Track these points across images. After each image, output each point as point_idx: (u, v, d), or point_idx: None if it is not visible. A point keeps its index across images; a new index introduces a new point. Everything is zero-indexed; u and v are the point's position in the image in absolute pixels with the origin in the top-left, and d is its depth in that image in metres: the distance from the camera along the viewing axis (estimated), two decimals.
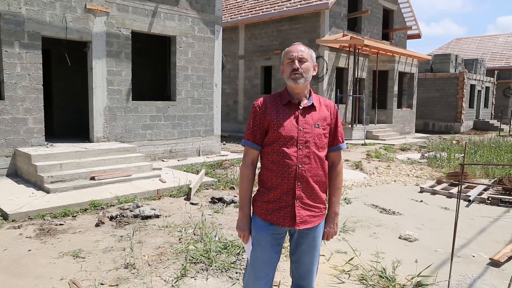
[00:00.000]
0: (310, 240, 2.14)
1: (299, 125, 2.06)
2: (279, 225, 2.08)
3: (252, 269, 2.13)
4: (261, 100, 2.14)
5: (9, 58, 6.95)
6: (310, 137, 2.06)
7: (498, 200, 6.11)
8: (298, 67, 2.04)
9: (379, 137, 15.96)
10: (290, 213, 2.06)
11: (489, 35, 33.15)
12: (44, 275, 3.42)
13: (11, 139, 7.10)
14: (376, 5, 17.97)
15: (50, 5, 7.34)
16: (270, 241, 2.10)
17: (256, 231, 2.13)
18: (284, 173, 2.04)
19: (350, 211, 5.56)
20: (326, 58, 15.49)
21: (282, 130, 2.04)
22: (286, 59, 2.10)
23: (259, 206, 2.13)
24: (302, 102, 2.11)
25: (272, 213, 2.08)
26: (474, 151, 10.48)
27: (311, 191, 2.08)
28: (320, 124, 2.10)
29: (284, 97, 2.11)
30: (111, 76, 8.32)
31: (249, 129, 2.13)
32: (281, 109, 2.09)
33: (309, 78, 2.10)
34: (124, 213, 5.04)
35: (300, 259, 2.18)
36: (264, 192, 2.12)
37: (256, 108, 2.13)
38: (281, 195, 2.06)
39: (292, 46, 2.12)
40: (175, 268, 3.56)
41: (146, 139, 9.04)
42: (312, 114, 2.10)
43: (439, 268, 3.69)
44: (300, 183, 2.05)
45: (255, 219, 2.16)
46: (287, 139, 2.03)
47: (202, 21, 9.83)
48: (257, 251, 2.12)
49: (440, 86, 22.69)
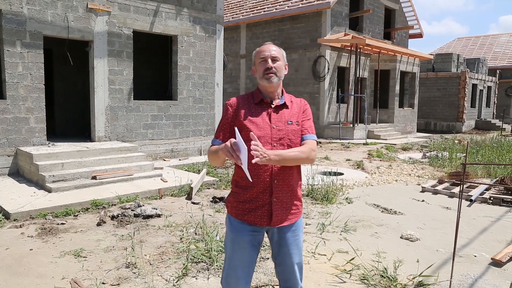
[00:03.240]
0: (291, 238, 2.12)
1: (272, 123, 2.05)
2: (256, 224, 2.06)
3: (233, 271, 2.10)
4: (233, 100, 2.13)
5: (11, 57, 6.96)
6: (284, 134, 2.05)
7: (500, 199, 6.09)
8: (272, 66, 2.04)
9: (380, 136, 15.94)
10: (267, 211, 2.04)
11: (491, 34, 33.07)
12: (45, 274, 3.42)
13: (13, 138, 7.11)
14: (378, 4, 17.94)
15: (51, 4, 7.34)
16: (250, 241, 2.08)
17: (235, 233, 2.09)
18: (260, 172, 2.02)
19: (351, 210, 5.55)
20: (327, 58, 15.48)
21: (255, 128, 2.02)
22: (258, 58, 2.09)
23: (235, 207, 2.10)
24: (275, 100, 2.11)
25: (249, 213, 2.06)
26: (476, 151, 10.45)
27: (288, 189, 2.08)
28: (293, 121, 2.10)
29: (257, 96, 2.11)
30: (113, 75, 8.32)
31: (219, 128, 2.13)
32: (254, 108, 2.09)
33: (282, 77, 2.10)
34: (126, 213, 5.04)
35: (284, 260, 2.14)
36: (239, 192, 2.09)
37: (228, 107, 2.12)
38: (257, 194, 2.04)
39: (263, 46, 2.12)
40: (177, 268, 3.56)
41: (148, 138, 9.05)
42: (284, 112, 2.10)
43: (441, 268, 3.68)
44: (276, 181, 2.04)
45: (231, 220, 2.13)
46: (260, 137, 2.00)
47: (203, 20, 9.82)
48: (237, 253, 2.09)
49: (442, 86, 22.64)
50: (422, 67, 22.38)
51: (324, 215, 5.29)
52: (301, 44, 16.22)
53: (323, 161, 10.15)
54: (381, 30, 18.38)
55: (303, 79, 16.24)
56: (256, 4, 18.45)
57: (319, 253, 3.97)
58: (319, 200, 6.00)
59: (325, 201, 5.96)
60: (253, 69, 2.15)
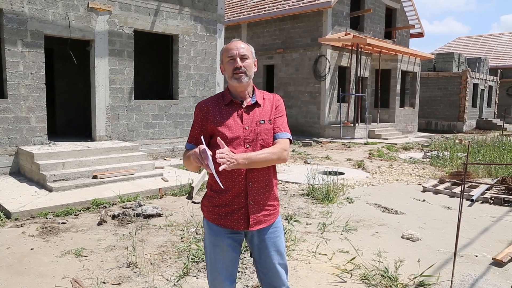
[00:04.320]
0: (272, 240, 2.06)
1: (244, 124, 1.98)
2: (233, 229, 2.00)
3: (217, 273, 2.05)
4: (203, 103, 2.04)
5: (12, 57, 6.96)
6: (256, 135, 1.98)
7: (501, 199, 6.08)
8: (241, 65, 1.95)
9: (381, 136, 15.93)
10: (244, 215, 1.98)
11: (493, 34, 33.01)
12: (46, 273, 3.43)
13: (14, 138, 7.12)
14: (379, 3, 17.92)
15: (52, 3, 7.34)
16: (231, 243, 2.03)
17: (214, 237, 2.03)
18: (234, 175, 1.95)
19: (352, 210, 5.55)
20: (328, 57, 15.47)
21: (227, 131, 1.95)
22: (226, 57, 1.98)
23: (211, 212, 2.03)
24: (246, 100, 2.02)
25: (225, 217, 2.00)
26: (477, 150, 10.44)
27: (264, 190, 2.02)
28: (266, 120, 2.02)
29: (226, 97, 2.02)
30: (114, 74, 8.33)
31: (191, 132, 2.06)
32: (224, 109, 2.00)
33: (252, 75, 2.02)
34: (126, 212, 5.04)
35: (266, 263, 2.07)
36: (214, 196, 2.03)
37: (197, 111, 2.04)
38: (233, 197, 1.98)
39: (231, 43, 2.01)
40: (177, 267, 3.56)
41: (148, 138, 9.05)
42: (256, 111, 2.02)
43: (442, 267, 3.68)
44: (251, 183, 1.97)
45: (209, 224, 2.06)
46: (233, 139, 1.94)
47: (204, 19, 9.82)
48: (218, 255, 2.04)
49: (443, 85, 22.61)
50: (423, 67, 22.35)
51: (325, 214, 5.29)
52: (302, 43, 16.21)
53: (324, 160, 10.14)
54: (382, 30, 18.36)
55: (304, 79, 16.24)
56: (257, 4, 18.44)
57: (320, 252, 3.97)
58: (320, 200, 5.99)
59: (326, 200, 5.96)
60: (221, 67, 2.04)
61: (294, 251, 3.96)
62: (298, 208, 5.63)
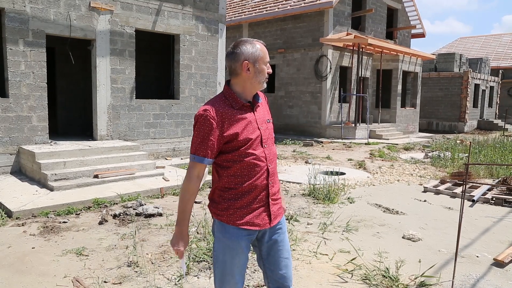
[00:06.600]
0: (282, 234, 2.11)
1: (259, 124, 2.02)
2: (258, 227, 2.00)
3: (231, 276, 2.04)
4: (213, 111, 1.91)
5: (13, 56, 6.97)
6: (269, 133, 2.06)
7: (502, 200, 6.07)
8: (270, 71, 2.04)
9: (382, 136, 15.92)
10: (267, 211, 2.03)
11: (494, 34, 32.98)
12: (47, 272, 3.43)
13: (15, 137, 7.13)
14: (380, 3, 17.90)
15: (54, 3, 7.35)
16: (247, 245, 2.04)
17: (231, 240, 2.00)
18: (257, 175, 1.98)
19: (353, 210, 5.55)
20: (329, 57, 15.47)
21: (249, 134, 1.96)
22: (264, 61, 1.98)
23: (231, 214, 1.99)
24: (253, 101, 2.05)
25: (252, 217, 2.00)
26: (478, 151, 10.42)
27: (278, 185, 2.10)
28: (269, 118, 2.10)
29: (236, 101, 1.97)
30: (115, 74, 8.33)
31: (201, 143, 1.92)
32: (238, 113, 1.96)
33: None
34: (127, 211, 5.05)
35: (275, 259, 2.10)
36: (235, 198, 1.99)
37: (211, 121, 1.90)
38: (255, 196, 2.00)
39: (264, 48, 2.00)
40: (178, 267, 3.57)
41: (150, 137, 9.06)
42: (260, 111, 2.06)
43: (443, 268, 3.68)
44: (271, 182, 2.04)
45: (226, 228, 2.00)
46: (254, 141, 1.97)
47: (206, 19, 9.82)
48: (234, 259, 2.02)
49: (444, 86, 22.60)
50: (424, 67, 22.33)
51: (326, 214, 5.29)
52: (303, 43, 16.20)
53: (325, 160, 10.14)
54: (383, 30, 18.34)
55: (305, 79, 16.23)
56: (258, 3, 18.44)
57: (320, 252, 3.97)
58: (321, 200, 5.99)
59: (327, 200, 5.95)
60: (248, 65, 1.94)
61: (295, 251, 3.96)
62: (299, 208, 5.63)
